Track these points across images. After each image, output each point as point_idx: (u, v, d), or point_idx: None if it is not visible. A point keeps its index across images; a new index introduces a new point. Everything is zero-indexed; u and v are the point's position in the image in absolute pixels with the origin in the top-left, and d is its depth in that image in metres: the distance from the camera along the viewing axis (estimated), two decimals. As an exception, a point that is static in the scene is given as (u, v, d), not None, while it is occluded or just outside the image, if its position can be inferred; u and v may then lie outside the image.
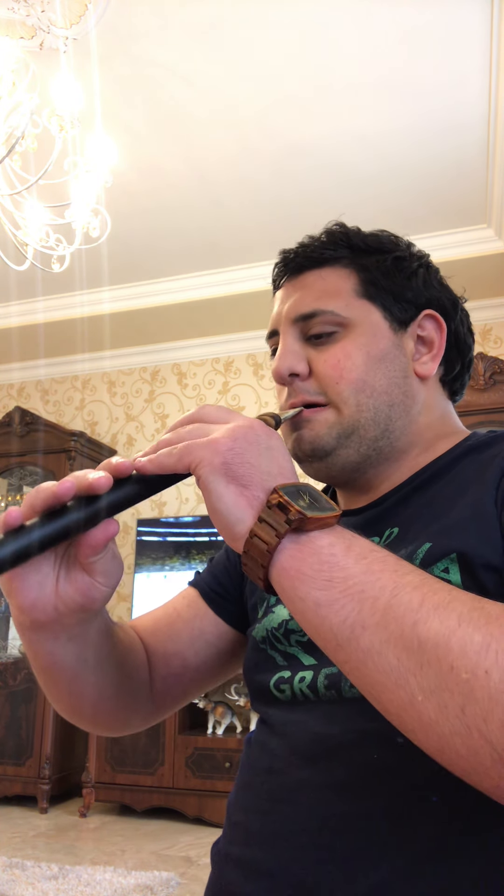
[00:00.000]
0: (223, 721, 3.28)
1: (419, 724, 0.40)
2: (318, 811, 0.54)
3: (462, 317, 0.74)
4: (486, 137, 2.73)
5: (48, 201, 2.46)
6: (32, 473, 4.21)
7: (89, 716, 0.69)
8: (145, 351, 4.35)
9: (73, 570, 0.52)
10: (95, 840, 2.91)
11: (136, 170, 2.93)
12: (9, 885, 2.30)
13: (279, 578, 0.46)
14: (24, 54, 2.16)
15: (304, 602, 0.45)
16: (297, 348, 0.68)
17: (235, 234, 3.33)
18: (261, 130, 2.72)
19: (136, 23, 2.28)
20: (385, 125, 2.68)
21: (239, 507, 0.47)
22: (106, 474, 0.48)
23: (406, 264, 0.71)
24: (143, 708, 0.72)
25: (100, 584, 0.52)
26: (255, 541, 0.46)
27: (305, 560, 0.45)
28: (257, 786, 0.61)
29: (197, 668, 0.76)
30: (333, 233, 0.72)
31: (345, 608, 0.43)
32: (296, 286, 0.71)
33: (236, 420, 0.51)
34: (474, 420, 3.11)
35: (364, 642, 0.42)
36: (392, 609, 0.41)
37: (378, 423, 0.66)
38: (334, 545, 0.46)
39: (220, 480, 0.47)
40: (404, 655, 0.40)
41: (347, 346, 0.67)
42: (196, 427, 0.51)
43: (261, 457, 0.49)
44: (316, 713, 0.59)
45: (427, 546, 0.57)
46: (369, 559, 0.45)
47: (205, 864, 2.56)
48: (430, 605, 0.41)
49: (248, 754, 0.66)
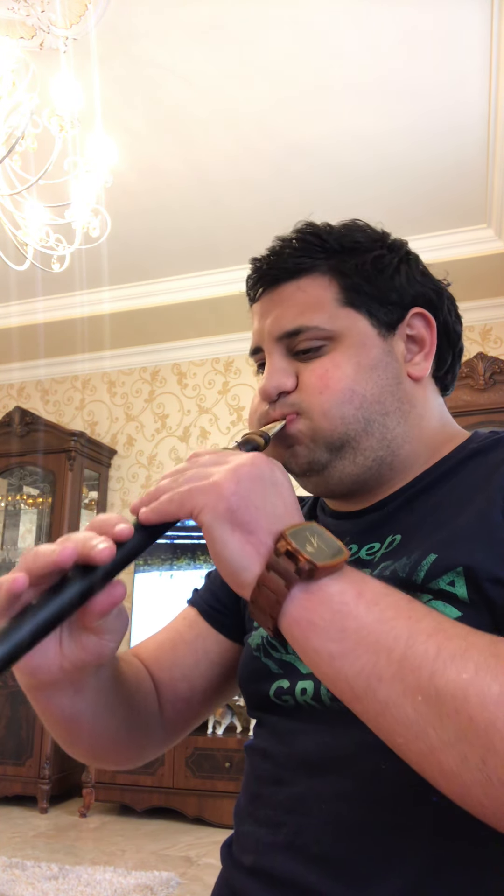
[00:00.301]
0: (223, 721, 3.28)
1: (440, 773, 0.40)
2: (330, 823, 0.54)
3: (449, 305, 0.71)
4: (486, 137, 2.73)
5: (48, 201, 2.46)
6: (32, 473, 4.21)
7: (104, 757, 0.68)
8: (145, 351, 4.35)
9: (77, 630, 0.50)
10: (95, 840, 2.91)
11: (136, 170, 2.93)
12: (9, 885, 2.30)
13: (290, 629, 0.45)
14: (24, 54, 2.16)
15: (317, 653, 0.44)
16: (284, 365, 0.65)
17: (235, 234, 3.33)
18: (261, 130, 2.72)
19: (136, 23, 2.28)
20: (385, 125, 2.68)
21: (245, 554, 0.45)
22: (110, 544, 0.45)
23: (386, 262, 0.68)
24: (156, 736, 0.71)
25: (106, 641, 0.50)
26: (264, 590, 0.45)
27: (316, 610, 0.44)
28: (266, 797, 0.60)
29: (204, 690, 0.74)
30: (305, 237, 0.68)
31: (360, 660, 0.42)
32: (274, 300, 0.68)
33: (237, 459, 0.49)
34: (474, 420, 3.11)
35: (381, 694, 0.41)
36: (408, 660, 0.41)
37: (372, 433, 0.63)
38: (345, 592, 0.44)
39: (225, 527, 0.45)
40: (423, 707, 0.39)
41: (336, 357, 0.64)
42: (196, 470, 0.49)
43: (266, 497, 0.47)
44: (322, 723, 0.58)
45: (433, 558, 0.56)
46: (381, 605, 0.43)
47: (205, 864, 2.56)
48: (446, 655, 0.40)
49: (251, 763, 0.65)
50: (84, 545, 0.44)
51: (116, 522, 0.47)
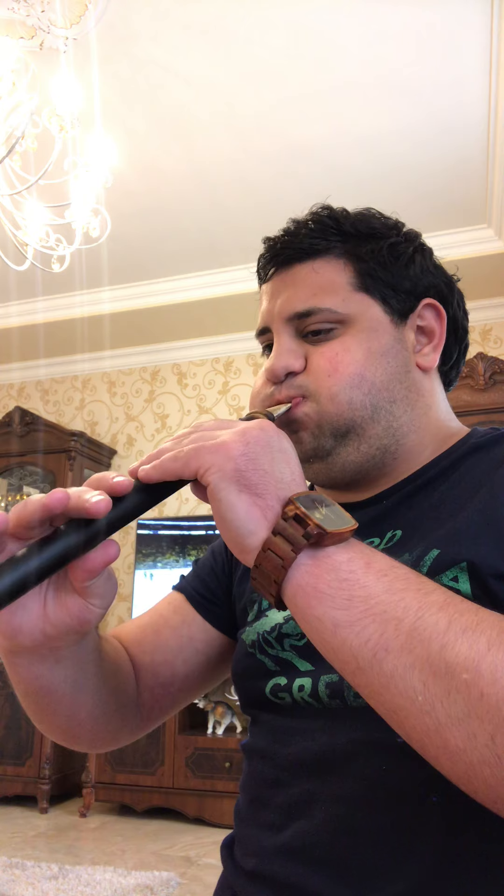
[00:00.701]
0: (223, 721, 3.28)
1: (445, 751, 0.38)
2: (332, 825, 0.53)
3: (458, 299, 0.71)
4: (487, 137, 2.73)
5: (48, 201, 2.46)
6: (32, 473, 4.21)
7: (77, 736, 0.65)
8: (145, 351, 4.35)
9: (64, 591, 0.47)
10: (95, 840, 2.91)
11: (136, 170, 2.93)
12: (9, 885, 2.30)
13: (293, 596, 0.43)
14: (24, 54, 2.16)
15: (320, 622, 0.42)
16: (293, 346, 0.64)
17: (235, 234, 3.33)
18: (261, 130, 2.72)
19: (136, 23, 2.28)
20: (385, 125, 2.68)
21: (252, 517, 0.44)
22: (105, 497, 0.43)
23: (402, 250, 0.67)
24: (131, 721, 0.69)
25: (93, 605, 0.48)
26: (269, 555, 0.43)
27: (323, 577, 0.42)
28: (266, 799, 0.59)
29: (186, 677, 0.72)
30: (322, 219, 0.67)
31: (366, 629, 0.40)
32: (286, 281, 0.66)
33: (244, 423, 0.48)
34: (474, 420, 3.11)
35: (387, 666, 0.39)
36: (418, 631, 0.39)
37: (378, 420, 0.62)
38: (353, 561, 0.43)
39: (232, 488, 0.44)
40: (431, 680, 0.38)
41: (347, 341, 0.63)
42: (202, 434, 0.47)
43: (274, 462, 0.45)
44: (320, 722, 0.57)
45: (435, 553, 0.55)
46: (391, 577, 0.42)
47: (205, 864, 2.56)
48: (457, 628, 0.39)
49: (250, 764, 0.64)
50: (78, 497, 0.42)
51: (114, 476, 0.45)
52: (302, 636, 0.61)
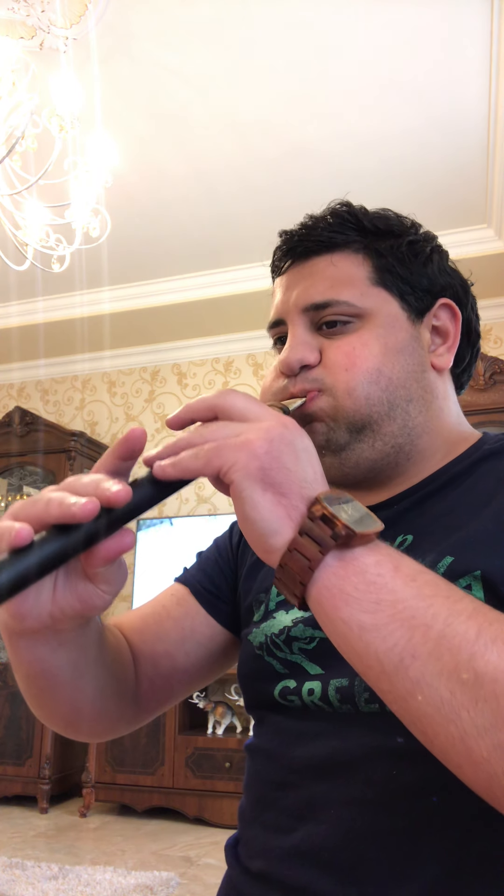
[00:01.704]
0: (223, 721, 3.28)
1: (468, 760, 0.38)
2: (341, 828, 0.52)
3: (472, 303, 0.71)
4: (487, 138, 2.73)
5: (48, 201, 2.46)
6: (32, 473, 4.21)
7: (76, 723, 0.64)
8: (145, 351, 4.35)
9: (74, 576, 0.47)
10: (95, 840, 2.91)
11: (136, 170, 2.93)
12: (9, 885, 2.30)
13: (319, 597, 0.42)
14: (24, 54, 2.16)
15: (346, 625, 0.41)
16: (308, 338, 0.63)
17: (235, 234, 3.33)
18: (261, 131, 2.73)
19: (136, 23, 2.28)
20: (385, 125, 2.68)
21: (277, 517, 0.43)
22: (126, 486, 0.43)
23: (420, 248, 0.67)
24: (129, 711, 0.68)
25: (103, 591, 0.48)
26: (295, 555, 0.42)
27: (350, 579, 0.41)
28: (272, 801, 0.59)
29: (186, 670, 0.71)
30: (340, 214, 0.66)
31: (393, 634, 0.40)
32: (303, 273, 0.65)
33: (267, 417, 0.46)
34: (474, 420, 3.11)
35: (414, 673, 0.39)
36: (447, 639, 0.38)
37: (394, 418, 0.61)
38: (381, 564, 0.42)
39: (256, 487, 0.43)
40: (458, 689, 0.37)
41: (364, 335, 0.62)
42: (223, 425, 0.45)
43: (298, 461, 0.44)
44: (329, 725, 0.57)
45: (449, 560, 0.54)
46: (419, 582, 0.41)
47: (205, 864, 2.56)
48: (487, 638, 0.38)
49: (254, 765, 0.63)
50: (98, 486, 0.42)
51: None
52: (311, 640, 0.61)
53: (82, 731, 0.66)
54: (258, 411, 0.46)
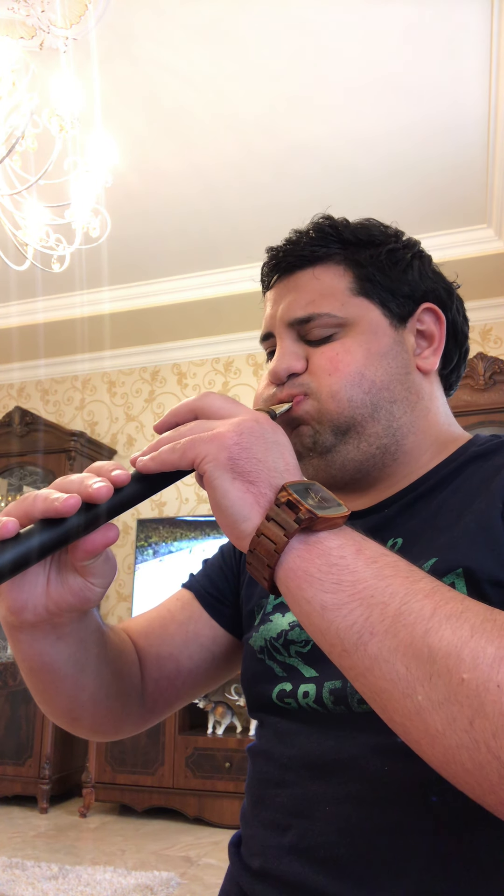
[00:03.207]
0: (223, 721, 3.28)
1: (425, 735, 0.39)
2: (336, 825, 0.53)
3: (458, 305, 0.72)
4: (487, 137, 2.73)
5: (48, 201, 2.46)
6: (32, 473, 4.21)
7: (79, 719, 0.66)
8: (145, 351, 4.35)
9: (66, 570, 0.50)
10: (95, 840, 2.91)
11: (136, 170, 2.93)
12: (9, 885, 2.30)
13: (285, 579, 0.45)
14: (24, 54, 2.17)
15: (310, 604, 0.43)
16: (295, 349, 0.66)
17: (235, 234, 3.33)
18: (261, 131, 2.72)
19: (136, 23, 2.28)
20: (385, 125, 2.68)
21: (245, 504, 0.45)
22: (107, 483, 0.46)
23: (400, 256, 0.69)
24: (135, 712, 0.70)
25: (93, 584, 0.51)
26: (263, 539, 0.44)
27: (314, 561, 0.44)
28: (270, 799, 0.60)
29: (190, 672, 0.73)
30: (322, 227, 0.69)
31: (353, 613, 0.41)
32: (288, 287, 0.68)
33: (241, 413, 0.49)
34: (474, 420, 3.11)
35: (372, 649, 0.40)
36: (403, 616, 0.40)
37: (378, 419, 0.63)
38: (344, 547, 0.44)
39: (226, 476, 0.45)
40: (413, 664, 0.39)
41: (347, 342, 0.64)
42: (199, 423, 0.49)
43: (268, 452, 0.47)
44: (326, 726, 0.58)
45: (433, 561, 0.56)
46: (380, 563, 0.43)
47: (205, 864, 2.56)
48: (442, 615, 0.39)
49: (254, 766, 0.65)
50: (81, 483, 0.45)
51: (113, 468, 0.48)
52: (307, 642, 0.62)
53: (84, 725, 0.68)
54: (233, 408, 0.49)
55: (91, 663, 0.60)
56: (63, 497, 0.44)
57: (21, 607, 0.50)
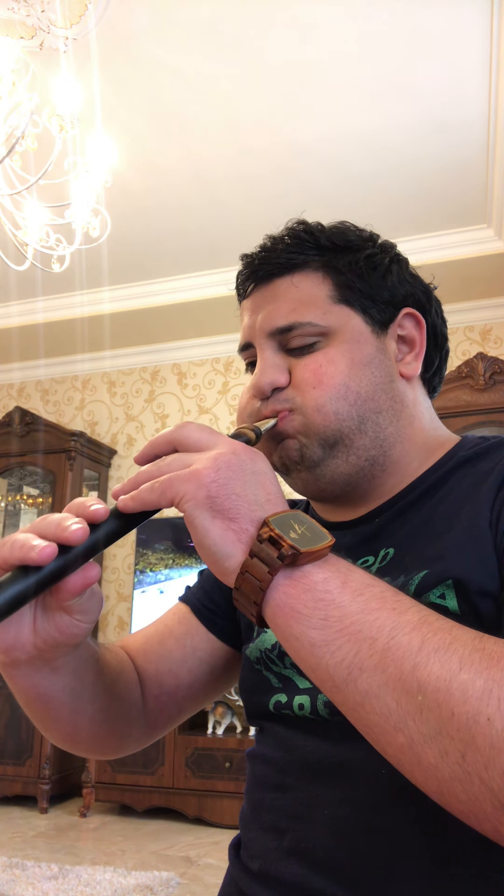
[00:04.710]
0: (223, 721, 3.28)
1: (418, 767, 0.39)
2: (335, 828, 0.54)
3: (436, 307, 0.72)
4: (486, 137, 2.73)
5: (48, 201, 2.46)
6: (32, 473, 4.21)
7: (79, 742, 0.67)
8: (145, 351, 4.35)
9: (51, 608, 0.50)
10: (95, 840, 2.91)
11: (136, 170, 2.93)
12: (9, 885, 2.30)
13: (273, 616, 0.44)
14: (24, 54, 2.16)
15: (298, 641, 0.43)
16: (277, 360, 0.64)
17: (235, 234, 3.32)
18: (260, 130, 2.72)
19: (136, 23, 2.28)
20: (385, 125, 2.68)
21: (227, 541, 0.45)
22: (83, 525, 0.45)
23: (378, 261, 0.67)
24: (137, 729, 0.70)
25: (79, 621, 0.50)
26: (247, 577, 0.44)
27: (299, 597, 0.43)
28: (269, 802, 0.60)
29: (190, 686, 0.73)
30: (298, 234, 0.67)
31: (341, 649, 0.41)
32: (266, 296, 0.67)
33: (218, 445, 0.48)
34: (474, 420, 3.11)
35: (362, 685, 0.40)
36: (391, 651, 0.40)
37: (365, 431, 0.62)
38: (329, 581, 0.43)
39: (206, 515, 0.45)
40: (404, 699, 0.39)
41: (330, 352, 0.63)
42: (177, 458, 0.48)
43: (247, 485, 0.46)
44: (324, 733, 0.58)
45: (424, 573, 0.55)
46: (366, 596, 0.43)
47: (205, 864, 2.56)
48: (430, 648, 0.39)
49: (253, 770, 0.65)
50: (58, 526, 0.44)
51: (92, 504, 0.47)
52: None
53: (85, 748, 0.68)
54: (210, 440, 0.48)
55: (87, 690, 0.60)
56: (39, 546, 0.43)
57: (9, 647, 0.50)
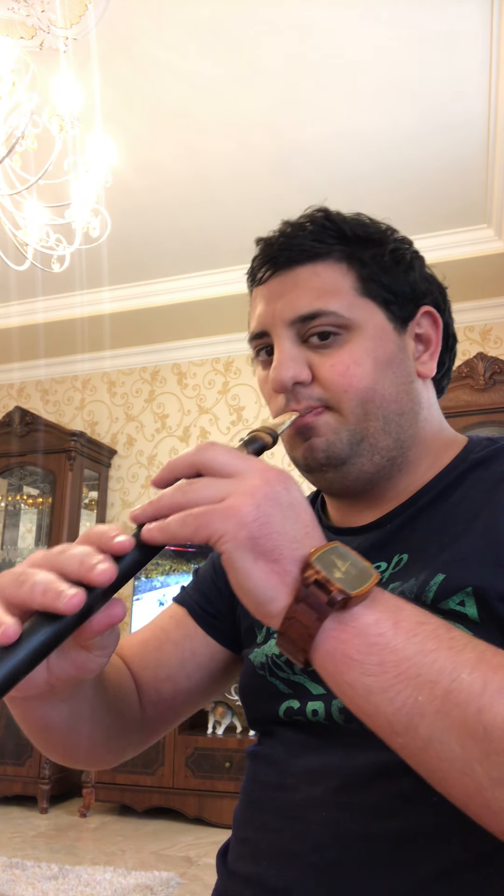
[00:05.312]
0: (223, 721, 3.28)
1: (487, 812, 0.38)
2: (331, 831, 0.53)
3: (449, 308, 0.71)
4: (486, 137, 2.73)
5: (48, 201, 2.46)
6: (32, 473, 4.21)
7: (79, 760, 0.66)
8: (145, 351, 4.35)
9: (67, 646, 0.46)
10: (95, 840, 2.91)
11: (136, 169, 2.93)
12: (9, 885, 2.30)
13: (323, 662, 0.42)
14: (24, 54, 2.16)
15: (353, 689, 0.41)
16: (297, 353, 0.62)
17: (235, 234, 3.32)
18: (260, 130, 2.72)
19: (136, 23, 2.28)
20: (385, 124, 2.68)
21: (270, 585, 0.42)
22: (110, 564, 0.41)
23: (401, 256, 0.66)
24: (135, 738, 0.69)
25: (97, 656, 0.47)
26: (294, 622, 0.41)
27: (351, 642, 0.41)
28: (265, 802, 0.59)
29: (188, 692, 0.71)
30: (320, 222, 0.65)
31: (400, 695, 0.39)
32: (286, 283, 0.64)
33: (250, 473, 0.44)
34: (474, 420, 3.11)
35: (424, 731, 0.39)
36: (453, 694, 0.38)
37: (389, 432, 0.62)
38: (381, 623, 0.41)
39: (247, 556, 0.41)
40: (469, 743, 0.38)
41: (355, 351, 0.61)
42: (206, 484, 0.43)
43: (286, 519, 0.43)
44: (335, 739, 0.57)
45: (441, 578, 0.54)
46: (421, 636, 0.41)
47: (205, 864, 2.56)
48: (493, 689, 0.38)
49: (253, 769, 0.64)
50: (82, 565, 0.41)
51: (115, 535, 0.43)
52: None
53: (84, 764, 0.68)
54: (240, 465, 0.44)
55: (91, 715, 0.59)
56: (66, 595, 0.39)
57: (22, 685, 0.45)
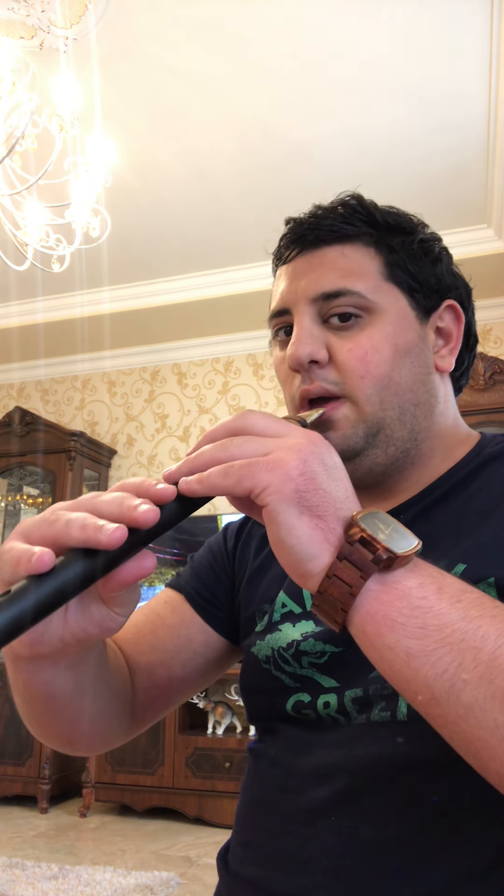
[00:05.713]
0: (223, 721, 3.28)
1: None
2: (340, 835, 0.52)
3: (472, 307, 0.71)
4: (486, 137, 2.73)
5: (48, 201, 2.46)
6: (32, 473, 4.21)
7: (76, 742, 0.63)
8: (145, 351, 4.35)
9: (88, 599, 0.44)
10: (95, 840, 2.91)
11: (136, 170, 2.93)
12: (9, 885, 2.30)
13: (362, 624, 0.41)
14: (24, 54, 2.16)
15: (393, 651, 0.40)
16: (316, 332, 0.61)
17: (235, 234, 3.33)
18: (260, 130, 2.72)
19: (136, 23, 2.28)
20: (385, 124, 2.68)
21: (314, 541, 0.41)
22: (153, 507, 0.40)
23: (429, 247, 0.66)
24: (125, 723, 0.67)
25: (117, 614, 0.45)
26: (335, 581, 0.41)
27: (394, 604, 0.40)
28: (269, 804, 0.58)
29: (182, 678, 0.70)
30: (352, 206, 0.65)
31: (442, 660, 0.39)
32: (313, 262, 0.63)
33: (293, 434, 0.43)
34: (474, 420, 3.11)
35: (466, 697, 0.38)
36: (497, 661, 0.38)
37: (404, 422, 0.62)
38: (425, 586, 0.41)
39: (292, 511, 0.41)
40: None
41: (374, 335, 0.61)
42: (247, 440, 0.43)
43: (331, 479, 0.42)
44: (341, 736, 0.56)
45: (462, 568, 0.54)
46: (464, 602, 0.40)
47: (205, 864, 2.56)
48: None
49: (255, 767, 0.63)
50: (123, 505, 0.39)
51: (156, 483, 0.41)
52: (322, 654, 0.60)
53: (80, 747, 0.65)
54: (283, 428, 0.44)
55: (91, 688, 0.57)
56: (109, 529, 0.38)
57: (36, 640, 0.44)
